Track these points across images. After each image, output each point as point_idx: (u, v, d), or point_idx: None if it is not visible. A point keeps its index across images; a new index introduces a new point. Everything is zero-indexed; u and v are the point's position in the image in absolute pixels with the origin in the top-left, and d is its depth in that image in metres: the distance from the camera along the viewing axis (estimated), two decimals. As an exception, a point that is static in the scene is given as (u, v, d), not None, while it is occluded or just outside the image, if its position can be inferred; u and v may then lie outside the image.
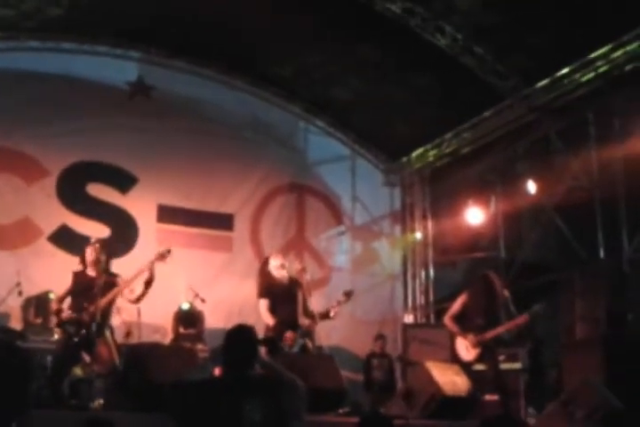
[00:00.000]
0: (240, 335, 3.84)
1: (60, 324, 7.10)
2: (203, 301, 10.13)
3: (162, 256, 7.17)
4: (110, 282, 7.15)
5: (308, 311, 7.51)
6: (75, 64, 11.34)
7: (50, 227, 10.84)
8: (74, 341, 6.96)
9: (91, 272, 7.21)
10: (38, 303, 9.68)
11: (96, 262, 7.19)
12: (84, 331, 6.94)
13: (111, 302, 7.19)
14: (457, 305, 8.04)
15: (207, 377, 6.51)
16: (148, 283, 7.08)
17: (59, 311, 7.10)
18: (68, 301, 7.22)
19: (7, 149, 10.79)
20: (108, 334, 7.13)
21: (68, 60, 11.32)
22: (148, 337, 9.61)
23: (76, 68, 11.34)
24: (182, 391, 3.67)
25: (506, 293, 7.96)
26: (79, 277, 7.22)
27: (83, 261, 7.31)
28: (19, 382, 1.76)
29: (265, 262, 7.78)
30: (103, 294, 7.03)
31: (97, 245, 7.30)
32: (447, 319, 8.08)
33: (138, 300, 7.26)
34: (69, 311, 7.03)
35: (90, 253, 7.23)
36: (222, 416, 3.45)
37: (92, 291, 7.01)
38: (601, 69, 9.54)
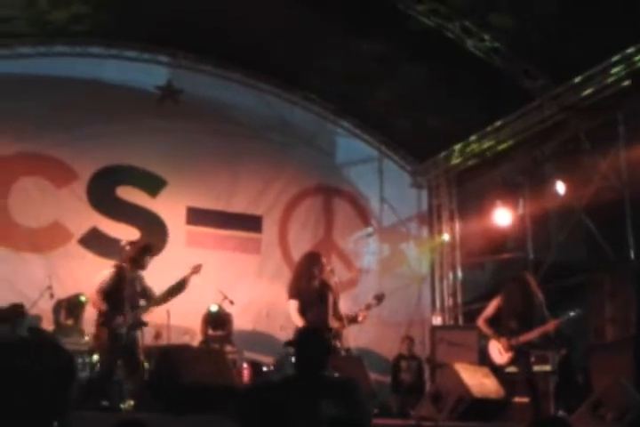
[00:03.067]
0: (312, 337, 3.95)
1: (110, 326, 7.17)
2: (231, 303, 10.17)
3: (196, 270, 7.50)
4: (146, 286, 7.32)
5: (338, 314, 7.48)
6: (104, 69, 11.45)
7: (80, 230, 10.96)
8: (118, 343, 7.06)
9: (129, 271, 7.31)
10: (69, 305, 9.79)
11: (142, 268, 7.37)
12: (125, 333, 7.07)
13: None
14: (491, 308, 8.00)
15: (281, 378, 6.63)
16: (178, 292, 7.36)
17: (108, 313, 7.19)
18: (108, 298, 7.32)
19: (38, 153, 10.93)
20: (138, 336, 7.23)
21: (98, 64, 11.43)
22: (176, 339, 9.68)
23: (105, 72, 11.45)
24: (260, 393, 3.76)
25: (540, 295, 7.93)
26: (122, 274, 7.32)
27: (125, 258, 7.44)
28: (62, 382, 1.80)
29: (309, 260, 7.70)
30: (141, 296, 7.19)
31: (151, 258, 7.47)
32: (481, 322, 8.05)
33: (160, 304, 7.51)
34: (120, 317, 7.12)
35: (145, 263, 7.42)
36: (299, 416, 3.51)
37: (132, 293, 7.18)
38: (630, 68, 9.46)
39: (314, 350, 3.83)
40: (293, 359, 3.94)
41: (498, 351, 7.80)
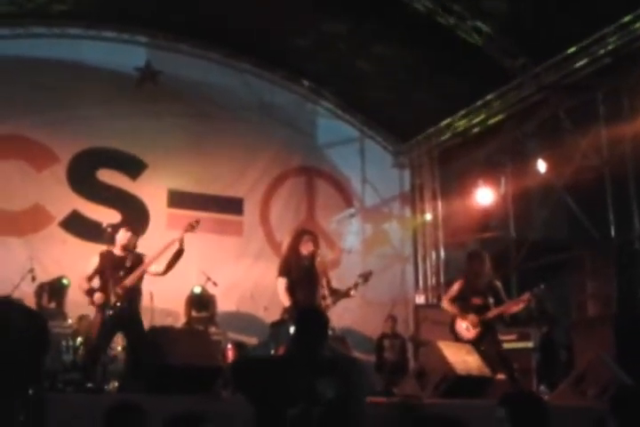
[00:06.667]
0: (312, 317, 3.96)
1: (98, 305, 7.08)
2: (215, 284, 10.16)
3: (191, 226, 7.22)
4: (138, 260, 7.20)
5: (323, 293, 7.31)
6: (82, 50, 11.35)
7: (61, 213, 10.90)
8: (109, 321, 7.01)
9: (118, 252, 7.24)
10: (51, 289, 9.75)
11: (127, 246, 7.24)
12: (112, 311, 6.98)
13: (140, 279, 7.21)
14: (454, 288, 8.05)
15: (277, 355, 6.63)
16: (179, 254, 7.12)
17: (91, 291, 7.09)
18: (97, 281, 7.23)
19: (17, 135, 10.82)
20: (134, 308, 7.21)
21: (76, 46, 11.34)
22: (160, 321, 9.63)
23: (83, 53, 11.35)
24: (254, 368, 3.78)
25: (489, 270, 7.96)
26: (106, 256, 7.23)
27: (112, 242, 7.34)
28: (37, 348, 1.75)
29: (299, 237, 7.45)
30: (131, 272, 7.09)
31: (129, 233, 7.32)
32: (446, 302, 8.08)
33: (166, 270, 7.23)
34: (100, 293, 7.04)
35: (123, 238, 7.25)
36: (295, 394, 3.52)
37: (120, 270, 7.06)
38: (610, 47, 9.47)
39: (312, 329, 3.84)
40: (292, 338, 3.96)
41: (465, 328, 7.84)
